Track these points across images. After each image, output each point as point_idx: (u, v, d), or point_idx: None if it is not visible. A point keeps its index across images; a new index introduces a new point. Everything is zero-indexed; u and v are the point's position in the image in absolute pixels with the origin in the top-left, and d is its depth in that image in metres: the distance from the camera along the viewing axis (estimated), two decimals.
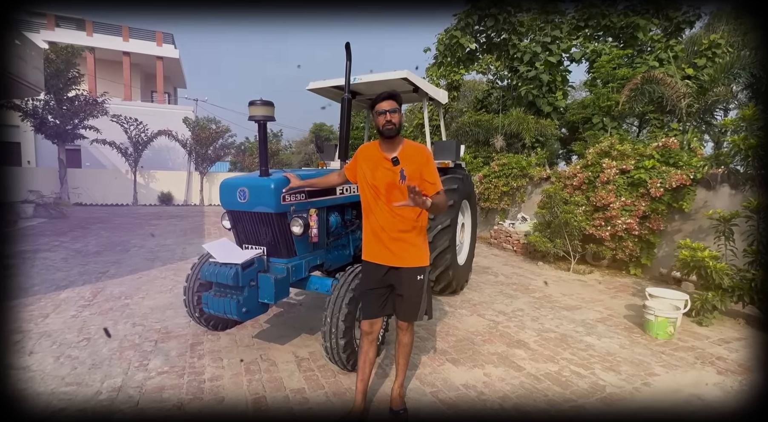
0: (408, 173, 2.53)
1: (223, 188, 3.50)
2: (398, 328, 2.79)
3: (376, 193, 2.65)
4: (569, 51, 12.75)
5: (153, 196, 19.79)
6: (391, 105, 2.58)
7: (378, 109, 2.60)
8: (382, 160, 2.63)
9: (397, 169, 2.55)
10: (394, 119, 2.57)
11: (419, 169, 2.59)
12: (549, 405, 3.00)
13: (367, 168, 2.69)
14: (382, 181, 2.61)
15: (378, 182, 2.63)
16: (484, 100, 15.28)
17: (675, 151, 6.70)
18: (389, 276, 2.69)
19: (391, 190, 2.60)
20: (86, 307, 4.83)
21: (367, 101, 6.23)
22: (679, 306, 4.45)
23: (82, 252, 7.82)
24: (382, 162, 2.63)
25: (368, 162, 2.70)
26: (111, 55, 23.98)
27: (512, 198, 10.01)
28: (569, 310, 5.14)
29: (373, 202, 2.68)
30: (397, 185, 2.57)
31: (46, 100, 15.30)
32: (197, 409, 2.83)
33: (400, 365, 2.82)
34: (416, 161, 2.59)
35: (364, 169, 2.71)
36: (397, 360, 2.84)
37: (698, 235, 6.18)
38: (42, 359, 3.50)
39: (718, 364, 3.73)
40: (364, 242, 2.80)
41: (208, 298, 3.36)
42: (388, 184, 2.60)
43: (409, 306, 2.69)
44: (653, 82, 9.10)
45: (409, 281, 2.66)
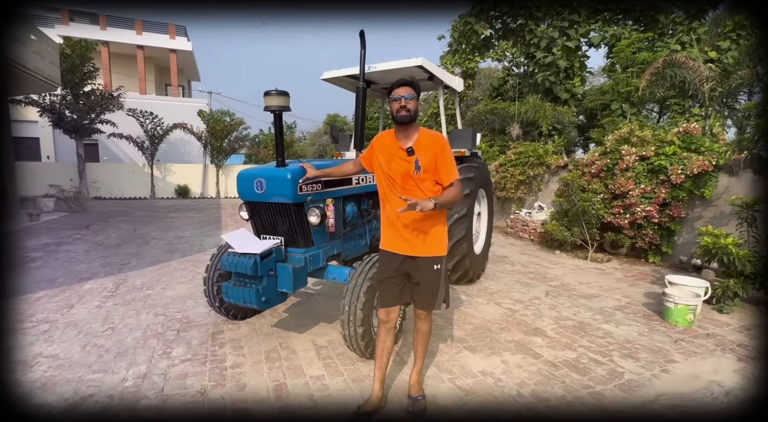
0: (423, 163, 2.52)
1: (241, 179, 3.53)
2: (416, 316, 2.80)
3: (391, 183, 2.63)
4: (587, 35, 12.50)
5: (170, 189, 20.03)
6: (407, 91, 2.54)
7: (394, 95, 2.57)
8: (398, 149, 2.61)
9: (412, 160, 2.53)
10: (410, 105, 2.53)
11: (434, 159, 2.54)
12: (567, 391, 3.00)
13: (383, 157, 2.66)
14: (397, 171, 2.59)
15: (393, 172, 2.61)
16: (500, 87, 15.12)
17: (697, 137, 6.58)
18: (405, 265, 2.68)
19: (406, 180, 2.58)
20: (109, 298, 4.94)
21: (382, 90, 6.21)
22: (699, 294, 4.39)
23: (103, 245, 7.98)
24: (397, 152, 2.61)
25: (384, 151, 2.67)
26: (125, 49, 24.19)
27: (529, 187, 9.92)
28: (587, 298, 5.11)
29: (389, 191, 2.65)
30: (411, 176, 2.55)
31: (63, 95, 15.49)
32: (220, 395, 2.90)
33: (418, 353, 2.84)
34: (432, 150, 2.55)
35: (379, 158, 2.68)
36: (416, 347, 2.86)
37: (719, 222, 6.07)
38: (69, 348, 3.60)
39: (738, 351, 3.69)
40: (382, 231, 2.79)
41: (228, 288, 3.42)
42: (403, 174, 2.58)
43: (426, 295, 2.69)
44: (675, 66, 8.89)
45: (425, 270, 2.65)
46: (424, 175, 2.54)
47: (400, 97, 2.54)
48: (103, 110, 16.33)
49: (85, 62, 15.49)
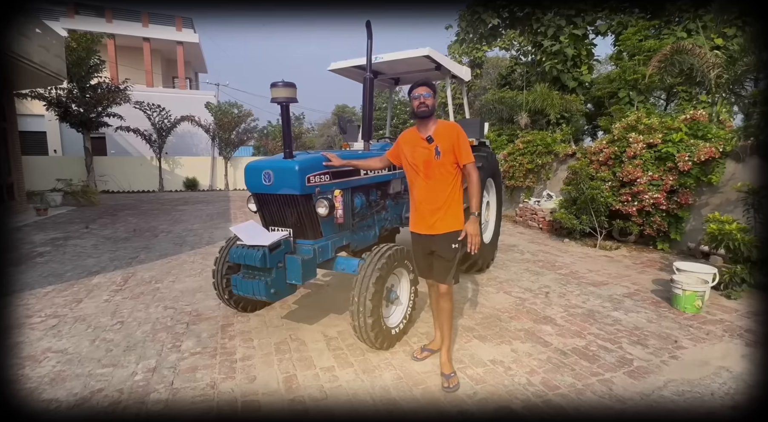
0: (442, 149, 2.89)
1: (248, 171, 3.53)
2: (438, 295, 3.14)
3: (416, 170, 3.02)
4: (594, 23, 12.36)
5: (178, 181, 20.10)
6: (425, 90, 2.94)
7: (414, 94, 2.97)
8: (419, 140, 3.00)
9: (432, 147, 2.91)
10: (428, 102, 2.93)
11: (452, 145, 2.91)
12: (576, 378, 3.01)
13: (408, 149, 3.06)
14: (420, 158, 2.98)
15: (417, 160, 3.00)
16: (508, 76, 15.00)
17: (703, 124, 6.52)
18: (429, 244, 3.07)
19: (428, 165, 2.95)
20: (118, 292, 4.98)
21: (390, 81, 6.19)
22: (707, 280, 4.38)
23: (112, 239, 8.04)
24: (419, 142, 3.00)
25: (408, 144, 3.08)
26: (131, 42, 24.13)
27: (537, 175, 9.87)
28: (596, 286, 5.10)
29: (414, 178, 3.06)
30: (432, 161, 2.92)
31: (69, 89, 15.48)
32: (230, 388, 2.92)
33: (444, 331, 3.12)
34: (449, 138, 2.92)
35: (404, 150, 3.09)
36: (441, 326, 3.18)
37: (726, 208, 6.03)
38: (78, 342, 3.63)
39: (746, 337, 3.69)
40: (410, 214, 3.23)
41: (237, 280, 3.43)
42: (425, 160, 2.96)
43: (439, 268, 3.04)
44: (683, 53, 8.78)
45: (444, 246, 3.00)
46: (444, 158, 2.91)
47: (419, 96, 2.94)
48: (109, 103, 16.30)
49: (91, 55, 15.44)
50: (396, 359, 3.31)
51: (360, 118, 4.44)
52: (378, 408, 2.68)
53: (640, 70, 10.59)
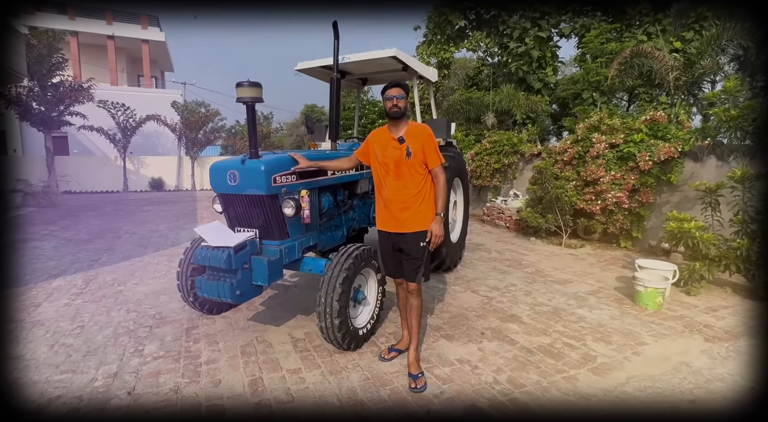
0: (413, 150, 2.93)
1: (213, 171, 3.47)
2: (407, 291, 3.14)
3: (386, 170, 3.04)
4: (558, 26, 12.66)
5: (144, 181, 19.63)
6: (397, 91, 2.97)
7: (387, 95, 3.00)
8: (391, 140, 3.03)
9: (403, 147, 2.95)
10: (400, 104, 2.95)
11: (422, 146, 2.96)
12: (541, 376, 3.06)
13: (378, 148, 3.08)
14: (391, 158, 3.00)
15: (388, 159, 3.02)
16: (475, 77, 15.18)
17: (663, 125, 6.73)
18: (398, 242, 3.09)
19: (399, 165, 2.98)
20: (79, 295, 4.82)
21: (357, 81, 6.17)
22: (668, 277, 4.52)
23: (73, 241, 7.78)
24: (390, 142, 3.03)
25: (379, 143, 3.10)
26: (95, 40, 23.49)
27: (504, 175, 10.01)
28: (561, 284, 5.20)
29: (383, 177, 3.07)
30: (403, 161, 2.95)
31: (30, 87, 14.95)
32: (194, 392, 2.86)
33: (412, 328, 3.14)
34: (419, 139, 2.96)
35: (375, 149, 3.10)
36: (409, 323, 3.19)
37: (686, 206, 6.24)
38: (36, 348, 3.50)
39: (705, 332, 3.81)
40: (377, 213, 3.23)
41: (202, 282, 3.35)
42: (396, 160, 2.98)
43: (409, 267, 3.05)
44: (642, 56, 9.06)
45: (413, 244, 3.02)
46: (414, 159, 2.95)
47: (392, 97, 2.97)
48: (72, 102, 15.84)
49: (53, 53, 14.98)
50: (363, 360, 3.30)
51: (328, 118, 4.42)
52: (345, 410, 2.67)
53: (603, 72, 10.89)
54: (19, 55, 10.05)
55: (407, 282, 3.10)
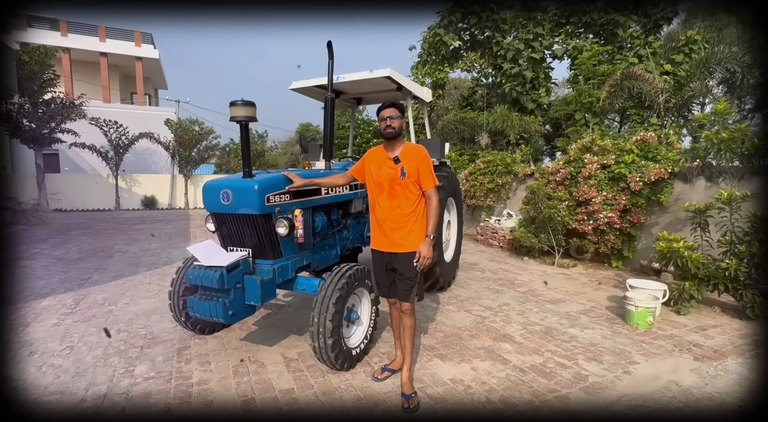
0: (407, 170, 2.95)
1: (206, 190, 3.47)
2: (401, 311, 3.14)
3: (380, 189, 3.07)
4: (551, 48, 12.90)
5: (136, 200, 19.53)
6: (392, 112, 3.01)
7: (381, 115, 3.04)
8: (386, 159, 3.05)
9: (398, 167, 2.97)
10: (394, 124, 3.00)
11: (417, 167, 2.97)
12: (534, 396, 3.06)
13: (374, 167, 3.11)
14: (385, 177, 3.02)
15: (382, 179, 3.04)
16: (469, 97, 15.38)
17: (653, 146, 6.85)
18: (391, 261, 3.10)
19: (393, 185, 3.00)
20: (68, 315, 4.75)
21: (352, 100, 6.24)
22: (658, 297, 4.57)
23: (63, 259, 7.70)
24: (385, 161, 3.05)
25: (374, 163, 3.12)
26: (88, 56, 23.49)
27: (498, 195, 10.08)
28: (554, 303, 5.22)
29: (377, 196, 3.10)
30: (398, 181, 2.97)
31: (21, 104, 14.81)
32: (185, 413, 2.83)
33: (406, 348, 3.15)
34: (415, 160, 2.98)
35: (371, 168, 3.13)
36: (403, 342, 3.19)
37: (676, 227, 6.32)
38: (23, 369, 3.44)
39: (695, 351, 3.84)
40: (371, 232, 3.25)
41: (194, 302, 3.33)
42: (390, 179, 3.00)
43: (402, 287, 3.07)
44: (632, 78, 9.27)
45: (406, 264, 3.02)
46: (408, 180, 2.97)
47: (386, 117, 3.01)
48: (64, 119, 15.73)
49: (44, 69, 14.91)
50: (356, 380, 3.28)
51: (323, 137, 4.46)
52: None
53: (595, 94, 11.07)
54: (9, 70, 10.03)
55: (401, 302, 3.11)
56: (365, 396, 3.05)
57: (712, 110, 5.46)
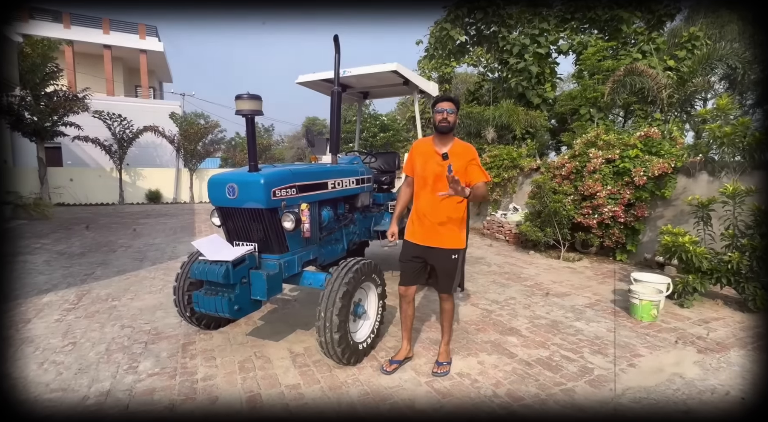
0: (455, 168, 2.78)
1: (212, 184, 3.44)
2: (439, 298, 3.28)
3: (424, 183, 3.06)
4: (557, 43, 12.85)
5: (140, 194, 19.52)
6: (449, 105, 2.98)
7: (438, 107, 3.00)
8: (434, 154, 3.02)
9: (445, 164, 2.81)
10: (450, 118, 2.98)
11: (465, 165, 2.97)
12: (540, 389, 3.06)
13: (420, 161, 3.09)
14: (431, 172, 3.00)
15: (427, 173, 3.02)
16: (476, 92, 15.34)
17: (657, 141, 6.83)
18: (425, 254, 3.13)
19: (437, 181, 2.98)
20: (71, 311, 4.72)
21: (358, 94, 6.22)
22: (662, 290, 4.56)
23: (66, 254, 7.68)
24: (433, 156, 3.01)
25: (421, 155, 3.10)
26: (91, 49, 23.35)
27: (504, 189, 10.07)
28: (559, 297, 5.22)
29: (420, 190, 3.11)
30: (443, 178, 2.87)
31: (22, 96, 14.69)
32: (189, 410, 2.81)
33: (444, 328, 3.34)
34: (464, 158, 2.98)
35: (417, 162, 3.12)
36: (442, 323, 3.36)
37: (679, 221, 6.30)
38: (24, 366, 3.39)
39: (698, 343, 3.85)
40: (408, 223, 3.27)
41: (199, 297, 3.30)
42: (436, 175, 2.98)
43: (443, 280, 3.14)
44: (635, 74, 9.23)
45: (444, 259, 3.08)
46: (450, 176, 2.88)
47: (443, 110, 2.98)
48: (66, 112, 15.62)
49: (47, 62, 14.81)
50: (363, 374, 3.28)
51: (329, 131, 4.44)
52: None
53: (600, 89, 11.03)
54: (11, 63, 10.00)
55: (440, 293, 3.23)
56: (372, 391, 3.04)
57: (715, 105, 5.44)
